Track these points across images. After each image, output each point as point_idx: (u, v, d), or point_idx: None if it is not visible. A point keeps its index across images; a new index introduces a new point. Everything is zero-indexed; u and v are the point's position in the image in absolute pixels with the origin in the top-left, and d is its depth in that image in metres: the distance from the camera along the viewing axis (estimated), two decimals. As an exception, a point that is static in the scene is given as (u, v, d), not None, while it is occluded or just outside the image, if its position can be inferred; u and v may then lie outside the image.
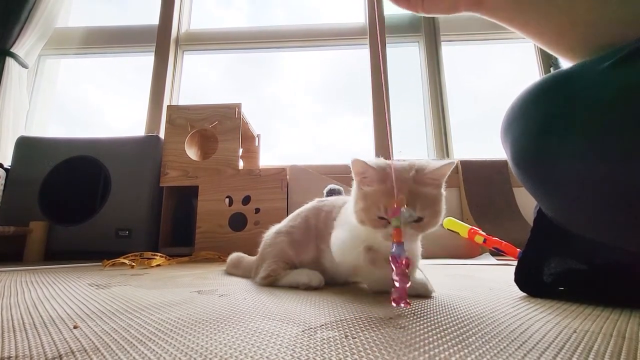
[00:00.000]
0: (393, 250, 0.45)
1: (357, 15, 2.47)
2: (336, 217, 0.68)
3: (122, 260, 1.22)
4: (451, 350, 0.30)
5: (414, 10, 0.60)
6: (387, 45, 2.27)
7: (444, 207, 0.55)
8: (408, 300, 0.44)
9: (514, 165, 0.54)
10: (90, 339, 0.35)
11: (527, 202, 1.82)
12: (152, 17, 2.43)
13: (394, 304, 0.44)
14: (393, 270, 0.44)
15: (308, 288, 0.63)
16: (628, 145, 0.39)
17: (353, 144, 2.44)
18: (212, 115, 1.75)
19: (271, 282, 0.70)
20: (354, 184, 0.58)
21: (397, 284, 0.43)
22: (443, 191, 0.55)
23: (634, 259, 0.48)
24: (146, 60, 2.37)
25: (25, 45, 2.16)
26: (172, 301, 0.55)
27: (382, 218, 0.52)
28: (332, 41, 2.45)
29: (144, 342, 0.33)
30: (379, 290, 0.58)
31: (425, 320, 0.41)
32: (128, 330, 0.38)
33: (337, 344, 0.32)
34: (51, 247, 1.61)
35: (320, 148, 2.47)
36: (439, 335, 0.35)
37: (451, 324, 0.39)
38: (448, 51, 2.32)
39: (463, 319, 0.42)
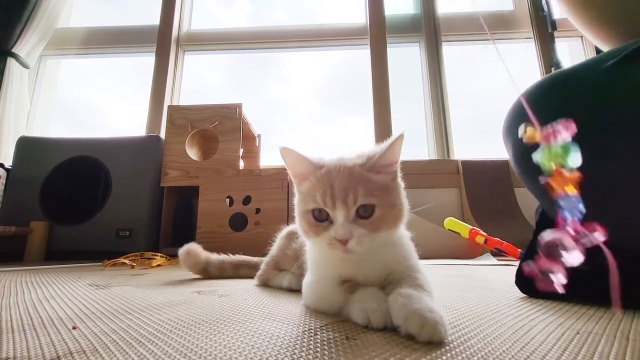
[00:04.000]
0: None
1: (357, 15, 2.47)
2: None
3: (122, 260, 1.22)
4: (454, 352, 0.30)
5: None
6: (387, 45, 2.27)
7: (403, 200, 0.45)
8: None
9: (516, 164, 0.54)
10: (89, 340, 0.34)
11: (528, 202, 1.81)
12: (152, 18, 2.43)
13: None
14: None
15: (290, 290, 0.64)
16: (633, 143, 0.39)
17: (354, 144, 2.44)
18: (212, 116, 1.75)
19: (263, 282, 0.74)
20: (295, 193, 0.49)
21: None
22: (400, 182, 0.46)
23: (635, 259, 0.48)
24: (147, 61, 2.38)
25: (27, 46, 2.16)
26: (172, 301, 0.55)
27: (320, 220, 0.43)
28: (333, 41, 2.45)
29: (143, 343, 0.33)
30: (378, 323, 0.36)
31: (426, 321, 0.40)
32: (127, 331, 0.37)
33: (338, 345, 0.32)
34: (52, 247, 1.61)
35: (321, 148, 2.47)
36: (440, 336, 0.35)
37: (453, 325, 0.39)
38: (449, 51, 2.32)
39: (465, 319, 0.42)
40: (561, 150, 0.29)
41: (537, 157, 0.32)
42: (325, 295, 0.46)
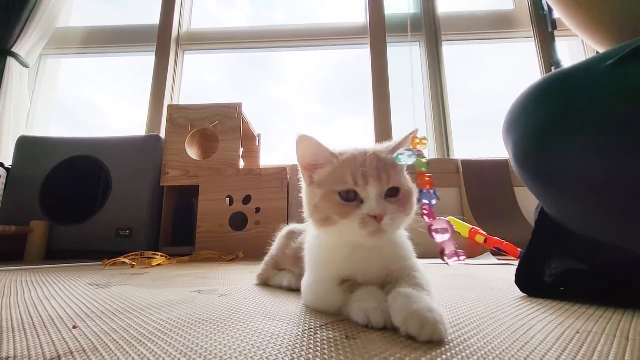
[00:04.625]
0: (422, 199, 0.43)
1: (357, 14, 2.47)
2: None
3: (122, 259, 1.22)
4: (453, 351, 0.30)
5: None
6: (387, 44, 2.27)
7: (415, 190, 0.46)
8: (460, 251, 0.43)
9: (516, 164, 0.54)
10: (90, 339, 0.34)
11: (528, 202, 1.81)
12: (152, 17, 2.43)
13: (446, 260, 0.44)
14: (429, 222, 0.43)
15: (290, 290, 0.64)
16: (632, 143, 0.39)
17: (354, 143, 2.44)
18: (212, 115, 1.75)
19: (263, 282, 0.73)
20: (303, 186, 0.48)
21: (437, 238, 0.41)
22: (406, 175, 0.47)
23: (636, 259, 0.48)
24: (147, 60, 2.38)
25: (27, 45, 2.16)
26: (172, 301, 0.55)
27: (348, 201, 0.42)
28: (333, 41, 2.45)
29: (144, 343, 0.33)
30: (377, 322, 0.36)
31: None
32: (127, 331, 0.38)
33: (338, 344, 0.32)
34: (52, 247, 1.61)
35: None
36: (440, 335, 0.35)
37: (453, 325, 0.39)
38: (449, 51, 2.32)
39: (465, 319, 0.42)
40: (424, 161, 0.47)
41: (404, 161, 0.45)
42: (324, 295, 0.46)
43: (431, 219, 0.49)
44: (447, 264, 0.48)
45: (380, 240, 0.42)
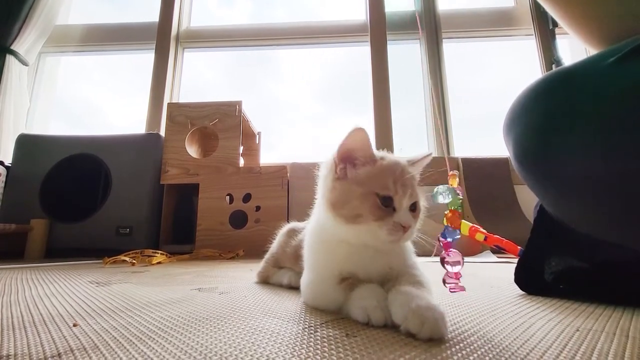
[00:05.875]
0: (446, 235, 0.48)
1: (358, 12, 2.46)
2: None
3: (122, 257, 1.22)
4: (453, 349, 0.30)
5: None
6: (388, 42, 2.26)
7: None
8: (461, 285, 0.45)
9: (517, 162, 0.54)
10: (90, 337, 0.34)
11: (528, 200, 1.81)
12: (152, 15, 2.42)
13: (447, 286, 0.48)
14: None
15: (290, 287, 0.65)
16: (633, 141, 0.39)
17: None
18: (212, 113, 1.75)
19: (263, 280, 0.74)
20: (328, 175, 0.47)
21: (448, 268, 0.44)
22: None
23: (635, 257, 0.48)
24: (146, 58, 2.37)
25: (26, 43, 2.16)
26: (173, 299, 0.55)
27: (385, 206, 0.42)
28: (333, 38, 2.44)
29: (144, 340, 0.33)
30: (378, 321, 0.36)
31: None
32: (128, 328, 0.38)
33: (338, 342, 0.32)
34: (52, 245, 1.61)
35: (321, 145, 2.47)
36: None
37: (453, 322, 0.39)
38: (449, 48, 2.31)
39: (464, 317, 0.42)
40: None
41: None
42: (324, 293, 0.46)
43: (447, 252, 0.55)
44: (445, 285, 0.56)
45: (396, 247, 0.45)
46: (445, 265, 0.56)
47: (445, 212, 0.60)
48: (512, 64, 2.51)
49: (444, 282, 0.58)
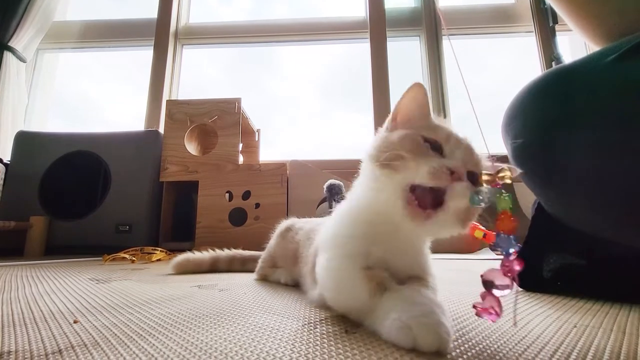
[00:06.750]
0: (498, 245, 0.34)
1: (357, 8, 2.45)
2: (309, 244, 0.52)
3: (122, 255, 1.22)
4: (452, 345, 0.30)
5: None
6: (387, 39, 2.25)
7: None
8: (497, 310, 0.30)
9: (515, 159, 0.54)
10: (91, 334, 0.35)
11: (526, 198, 1.81)
12: (150, 11, 2.40)
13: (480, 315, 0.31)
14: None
15: (287, 285, 0.66)
16: (632, 139, 0.39)
17: (353, 139, 2.43)
18: (212, 110, 1.74)
19: (262, 278, 0.75)
20: (380, 134, 0.42)
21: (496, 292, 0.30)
22: None
23: (632, 254, 0.48)
24: (145, 55, 2.36)
25: (23, 39, 2.14)
26: (173, 296, 0.55)
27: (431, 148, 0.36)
28: (333, 35, 2.43)
29: (144, 337, 0.33)
30: (429, 345, 0.28)
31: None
32: (128, 325, 0.38)
33: (337, 338, 0.32)
34: (51, 242, 1.61)
35: (320, 143, 2.47)
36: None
37: (452, 319, 0.39)
38: (449, 45, 2.30)
39: (462, 313, 0.42)
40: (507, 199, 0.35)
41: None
42: (347, 283, 0.37)
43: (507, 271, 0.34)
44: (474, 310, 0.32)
45: (420, 223, 0.34)
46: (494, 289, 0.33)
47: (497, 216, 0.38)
48: (512, 60, 2.50)
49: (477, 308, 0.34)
